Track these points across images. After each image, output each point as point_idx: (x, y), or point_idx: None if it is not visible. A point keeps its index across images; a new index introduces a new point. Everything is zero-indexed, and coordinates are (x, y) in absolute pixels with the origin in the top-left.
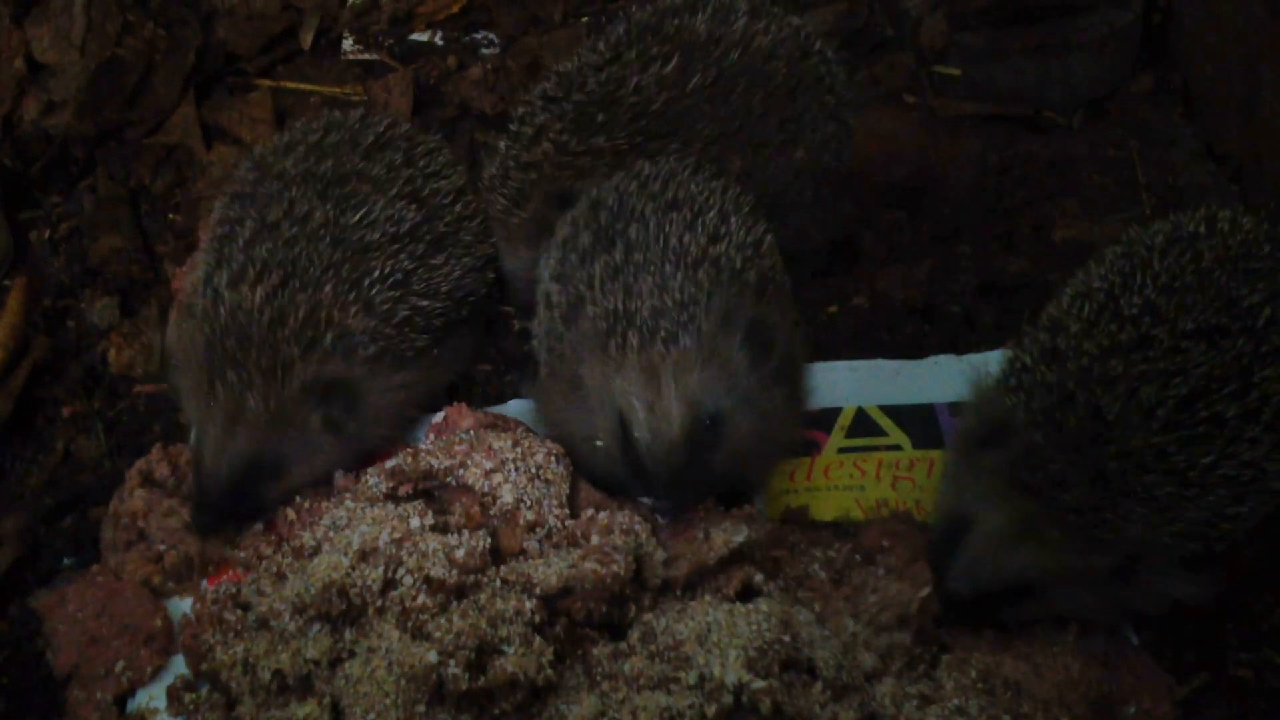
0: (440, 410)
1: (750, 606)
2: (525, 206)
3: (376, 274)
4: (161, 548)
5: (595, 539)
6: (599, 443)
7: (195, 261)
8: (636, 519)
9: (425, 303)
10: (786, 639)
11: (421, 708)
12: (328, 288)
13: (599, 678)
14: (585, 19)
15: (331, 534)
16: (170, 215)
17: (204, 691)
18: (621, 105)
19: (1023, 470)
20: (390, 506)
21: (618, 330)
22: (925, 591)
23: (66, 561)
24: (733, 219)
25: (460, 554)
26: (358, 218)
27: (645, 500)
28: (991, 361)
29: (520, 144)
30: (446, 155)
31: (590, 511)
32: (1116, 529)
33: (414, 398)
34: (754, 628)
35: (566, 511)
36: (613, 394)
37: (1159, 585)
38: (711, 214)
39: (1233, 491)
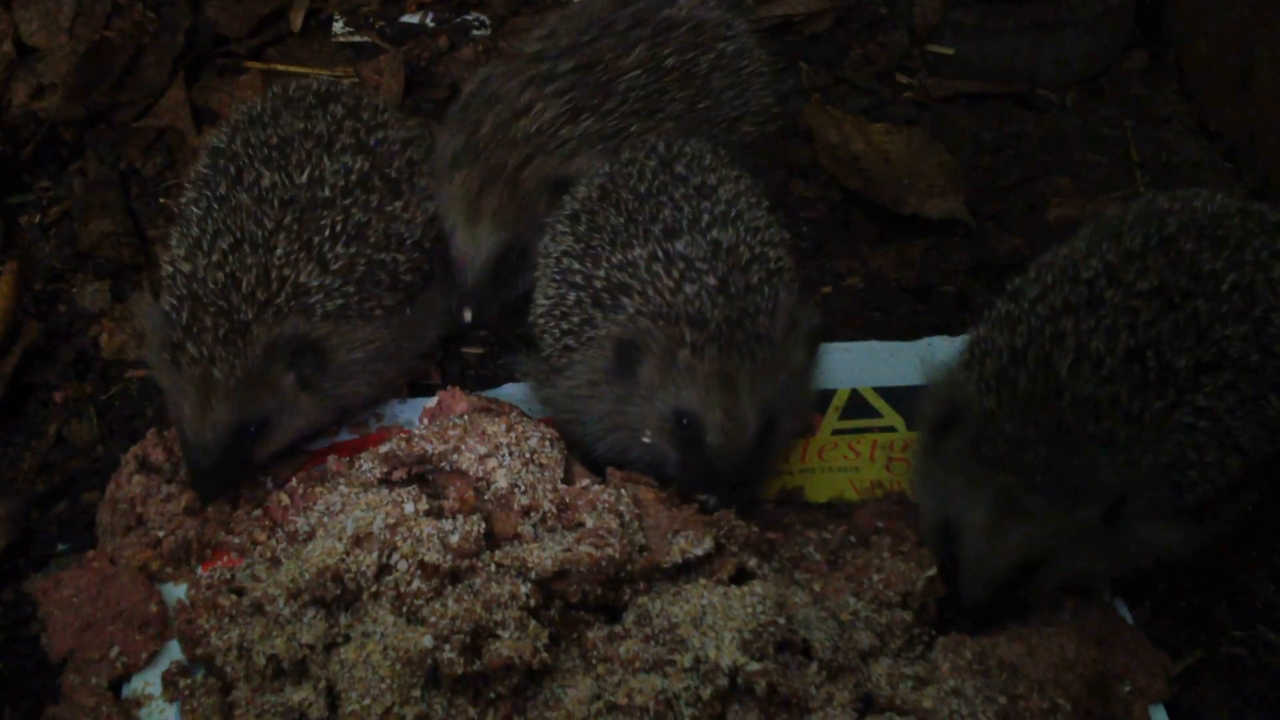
0: (433, 394)
1: (745, 589)
2: (494, 188)
3: (328, 231)
4: (160, 533)
5: (589, 521)
6: (646, 439)
7: None
8: (624, 500)
9: (386, 255)
10: (781, 620)
11: (417, 692)
12: (279, 249)
13: (594, 661)
14: None
15: (326, 519)
16: (161, 199)
17: (199, 676)
18: (615, 85)
19: (984, 446)
20: (384, 491)
21: (688, 334)
22: (931, 572)
23: (61, 547)
24: (758, 211)
25: (455, 538)
26: (305, 176)
27: (702, 498)
28: None
29: (501, 118)
30: (393, 110)
31: (584, 483)
32: (1086, 476)
33: (388, 354)
34: (749, 610)
35: (561, 495)
36: (672, 393)
37: (1145, 533)
38: (740, 204)
39: (1193, 439)
